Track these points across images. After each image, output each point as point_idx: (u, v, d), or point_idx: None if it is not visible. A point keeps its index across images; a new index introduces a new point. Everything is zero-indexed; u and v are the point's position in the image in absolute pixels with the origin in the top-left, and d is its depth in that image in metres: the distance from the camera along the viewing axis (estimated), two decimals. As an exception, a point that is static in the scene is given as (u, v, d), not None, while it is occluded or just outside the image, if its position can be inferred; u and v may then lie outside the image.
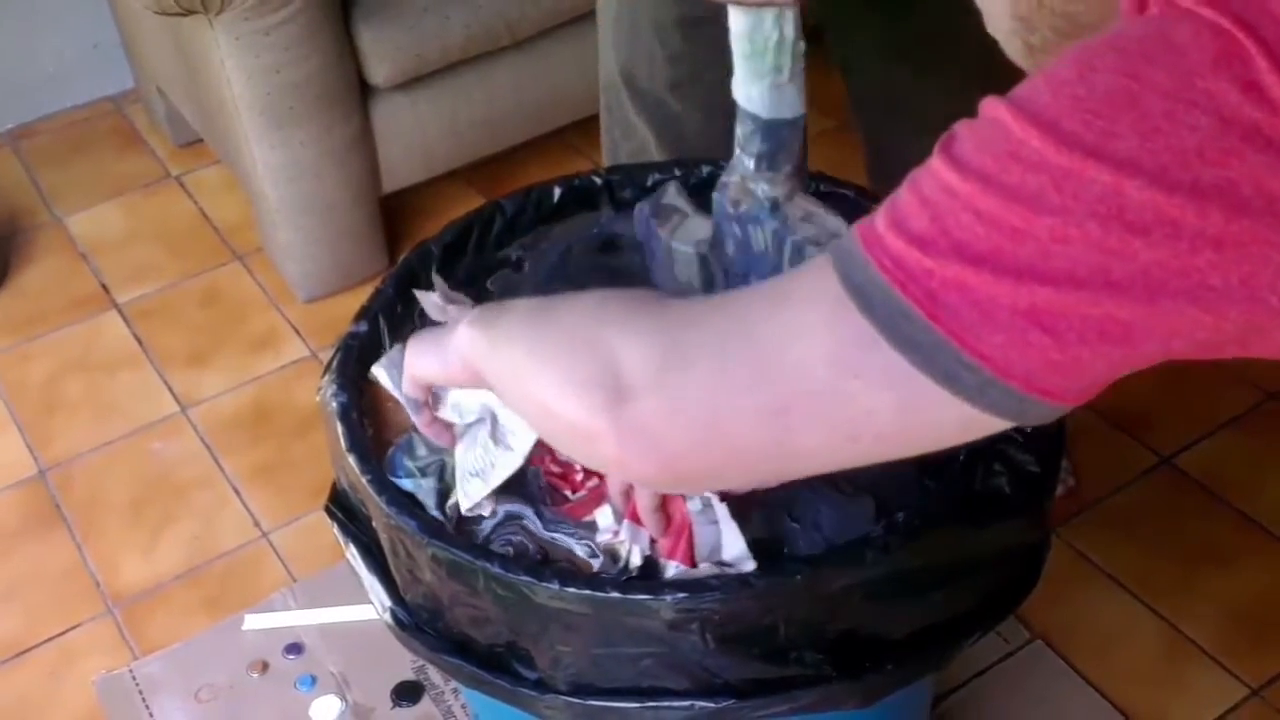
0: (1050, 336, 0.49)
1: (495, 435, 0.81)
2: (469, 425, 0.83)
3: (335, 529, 0.91)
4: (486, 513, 0.83)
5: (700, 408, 0.58)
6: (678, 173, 1.05)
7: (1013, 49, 0.63)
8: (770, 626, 0.76)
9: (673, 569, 0.79)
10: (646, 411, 0.59)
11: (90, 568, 1.56)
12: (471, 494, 0.81)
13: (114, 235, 2.04)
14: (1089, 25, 0.57)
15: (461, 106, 1.88)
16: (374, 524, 0.86)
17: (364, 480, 0.83)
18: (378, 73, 1.76)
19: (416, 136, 1.86)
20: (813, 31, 0.86)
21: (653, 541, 0.81)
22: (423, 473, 0.86)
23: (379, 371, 0.88)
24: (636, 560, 0.80)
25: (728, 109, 0.85)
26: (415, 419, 0.83)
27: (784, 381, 0.56)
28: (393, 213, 1.96)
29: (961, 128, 0.52)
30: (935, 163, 0.52)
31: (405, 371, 0.78)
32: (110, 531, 1.59)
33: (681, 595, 0.74)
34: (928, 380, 0.52)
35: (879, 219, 0.53)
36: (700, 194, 1.00)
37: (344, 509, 0.91)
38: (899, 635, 0.81)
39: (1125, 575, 1.46)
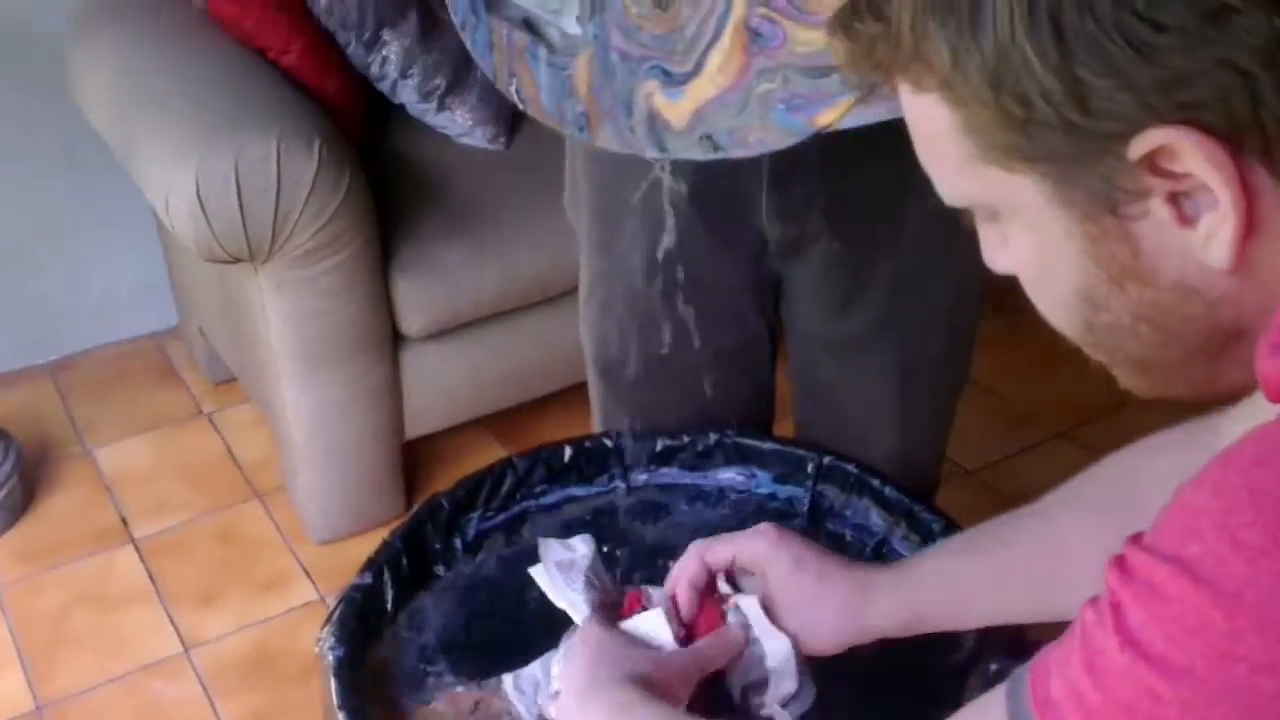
0: None
1: None
2: None
3: (320, 788, 0.88)
4: None
5: None
6: (685, 439, 1.07)
7: (1063, 320, 0.58)
8: None
9: None
10: None
11: (72, 813, 1.50)
12: None
13: (140, 469, 2.07)
14: (1185, 317, 0.54)
15: (489, 358, 1.92)
16: (359, 786, 0.83)
17: (351, 741, 0.81)
18: (411, 324, 1.81)
19: (443, 385, 1.90)
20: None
21: None
22: None
23: (538, 573, 0.87)
24: None
25: None
26: None
27: None
28: (413, 457, 1.98)
29: (1128, 600, 0.47)
30: (1117, 654, 0.47)
31: None
32: (97, 775, 1.55)
33: None
34: None
35: None
36: (703, 461, 1.02)
37: (331, 767, 0.88)
38: None
39: None
